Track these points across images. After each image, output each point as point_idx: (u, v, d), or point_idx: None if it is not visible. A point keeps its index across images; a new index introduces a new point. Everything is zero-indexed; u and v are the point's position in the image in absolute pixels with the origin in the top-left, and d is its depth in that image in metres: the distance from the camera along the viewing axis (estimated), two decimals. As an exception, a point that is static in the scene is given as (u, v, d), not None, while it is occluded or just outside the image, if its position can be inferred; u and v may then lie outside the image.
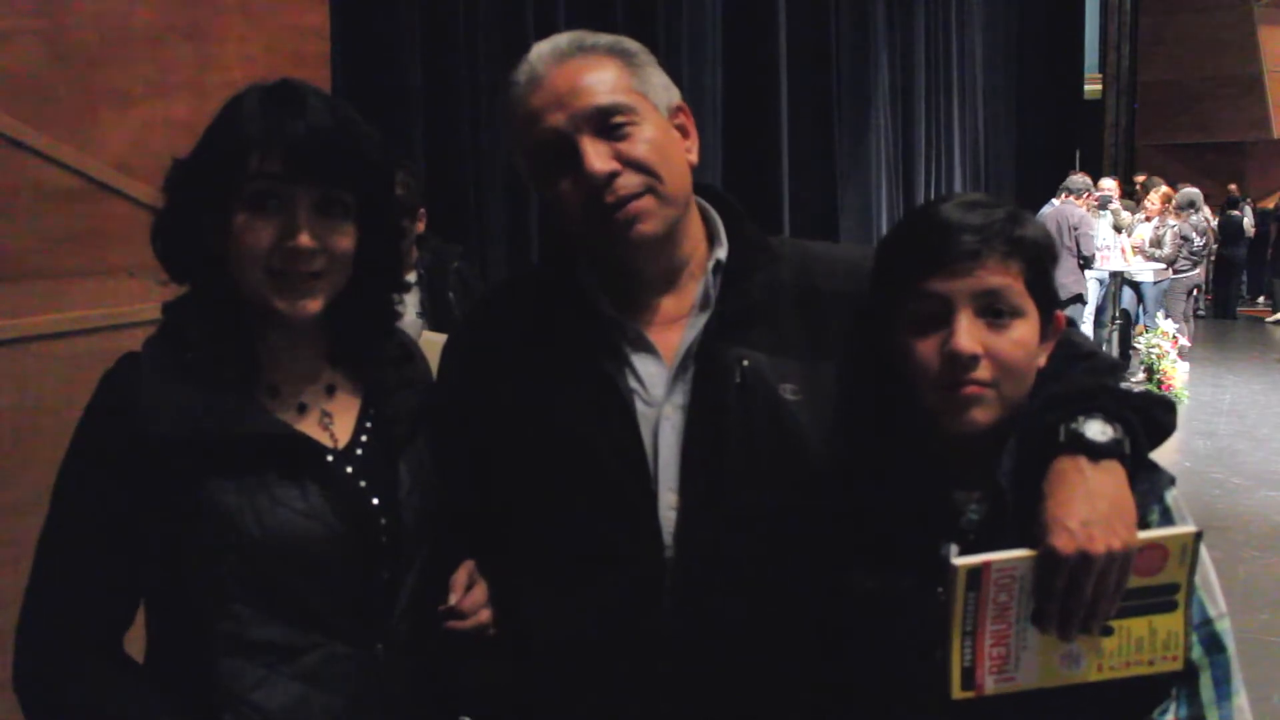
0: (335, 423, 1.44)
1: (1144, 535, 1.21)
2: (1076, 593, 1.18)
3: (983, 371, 1.27)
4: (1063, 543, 1.18)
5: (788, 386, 1.42)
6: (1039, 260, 1.33)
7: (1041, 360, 1.34)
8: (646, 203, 1.38)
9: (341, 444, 1.43)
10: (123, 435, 1.31)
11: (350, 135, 1.37)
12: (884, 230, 9.75)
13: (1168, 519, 1.28)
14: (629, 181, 1.37)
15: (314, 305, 1.36)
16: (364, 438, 1.44)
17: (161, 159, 1.38)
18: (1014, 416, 1.30)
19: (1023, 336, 1.30)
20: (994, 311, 1.29)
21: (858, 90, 9.14)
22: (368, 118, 1.42)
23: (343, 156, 1.35)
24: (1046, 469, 1.24)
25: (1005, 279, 1.29)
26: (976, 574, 1.19)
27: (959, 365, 1.27)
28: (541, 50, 1.44)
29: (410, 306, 3.12)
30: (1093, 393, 1.29)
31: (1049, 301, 1.34)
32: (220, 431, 1.31)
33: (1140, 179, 13.22)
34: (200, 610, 1.32)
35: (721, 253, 1.48)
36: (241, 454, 1.32)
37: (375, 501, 1.41)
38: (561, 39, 1.45)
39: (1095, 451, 1.23)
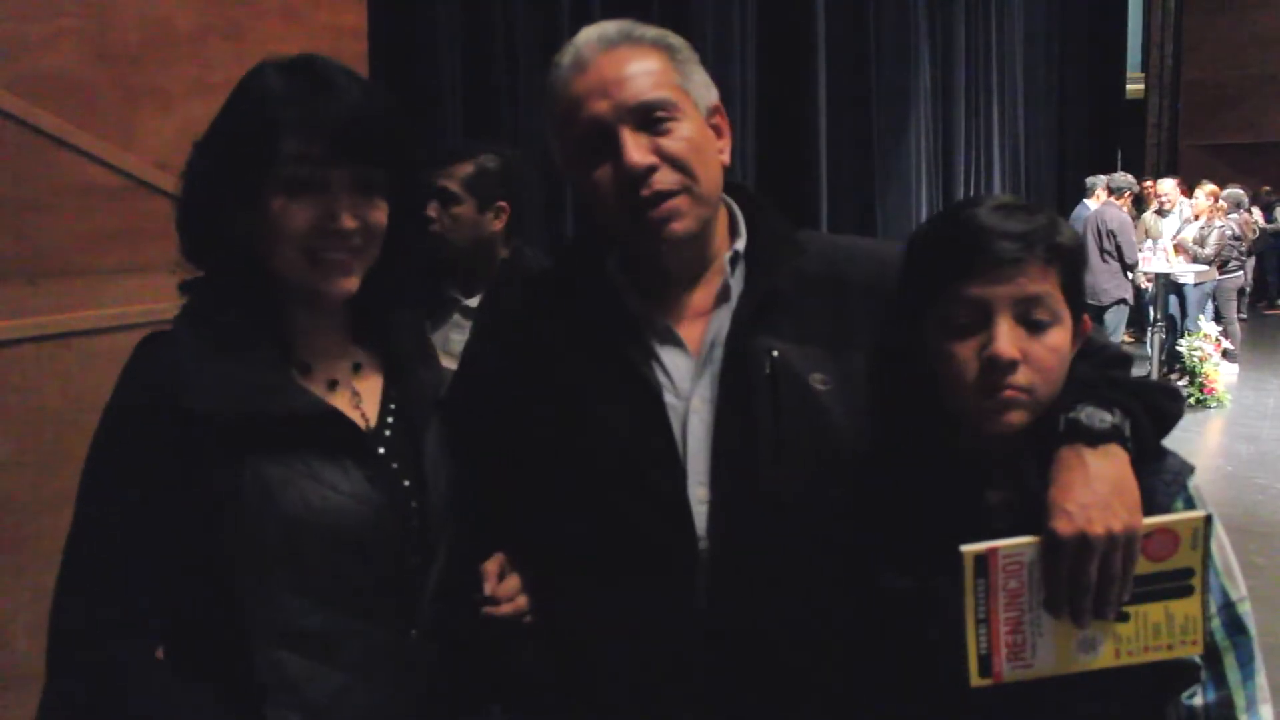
0: (364, 401, 1.42)
1: (1150, 520, 1.22)
2: (1081, 576, 1.20)
3: (1020, 376, 1.28)
4: (1062, 525, 1.20)
5: (817, 376, 1.41)
6: (1074, 265, 1.33)
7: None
8: (680, 202, 1.38)
9: (371, 424, 1.41)
10: (163, 409, 1.27)
11: (382, 112, 1.35)
12: (922, 230, 9.64)
13: (1190, 507, 1.29)
14: (666, 178, 1.37)
15: (352, 284, 1.35)
16: (389, 419, 1.43)
17: (201, 158, 1.39)
18: (1042, 418, 1.31)
19: (1058, 343, 1.30)
20: (1032, 318, 1.29)
21: (897, 88, 9.07)
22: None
23: (379, 135, 1.33)
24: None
25: (1045, 286, 1.29)
26: (984, 560, 1.21)
27: (998, 370, 1.27)
28: (589, 35, 1.42)
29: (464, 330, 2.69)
30: (1091, 382, 1.32)
31: (1080, 305, 1.35)
32: (264, 408, 1.29)
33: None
34: (238, 595, 1.28)
35: (740, 244, 1.48)
36: (283, 431, 1.30)
37: (406, 484, 1.40)
38: (609, 26, 1.43)
39: (1093, 437, 1.26)
